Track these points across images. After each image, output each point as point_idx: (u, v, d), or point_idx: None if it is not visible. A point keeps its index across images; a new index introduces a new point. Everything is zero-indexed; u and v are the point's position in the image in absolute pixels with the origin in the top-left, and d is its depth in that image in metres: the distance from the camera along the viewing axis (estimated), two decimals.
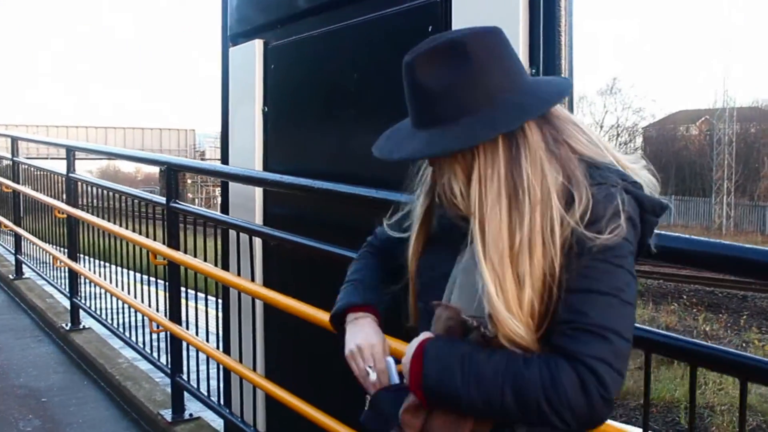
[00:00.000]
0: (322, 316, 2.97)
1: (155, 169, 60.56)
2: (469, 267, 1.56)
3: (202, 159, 52.39)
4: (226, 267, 4.14)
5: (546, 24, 2.57)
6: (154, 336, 5.18)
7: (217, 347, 4.28)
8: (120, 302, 5.85)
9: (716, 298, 18.92)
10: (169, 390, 5.01)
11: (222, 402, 4.31)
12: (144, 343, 5.43)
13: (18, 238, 8.78)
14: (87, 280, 6.61)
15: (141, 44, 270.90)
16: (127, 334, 5.75)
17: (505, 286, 1.44)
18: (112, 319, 6.06)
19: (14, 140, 8.90)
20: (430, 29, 2.94)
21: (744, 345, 13.76)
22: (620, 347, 1.40)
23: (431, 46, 1.52)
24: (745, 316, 16.33)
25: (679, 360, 2.97)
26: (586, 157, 1.54)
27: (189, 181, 50.74)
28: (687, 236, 2.08)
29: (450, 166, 1.55)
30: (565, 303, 1.43)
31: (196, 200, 47.15)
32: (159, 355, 5.19)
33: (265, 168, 4.02)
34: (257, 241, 3.82)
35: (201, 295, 5.77)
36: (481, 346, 1.47)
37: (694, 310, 17.16)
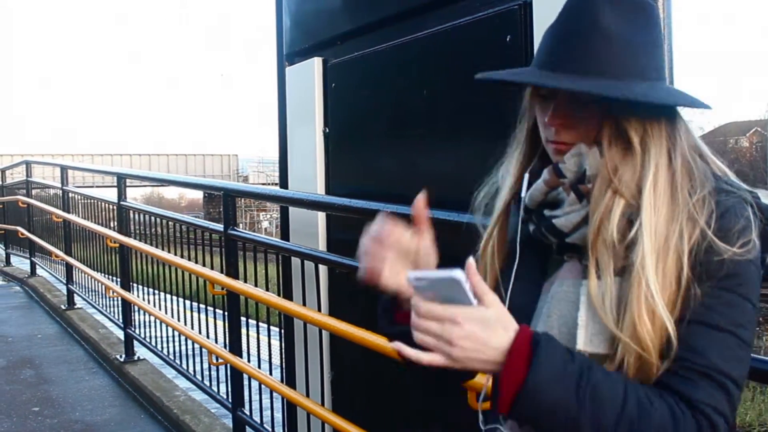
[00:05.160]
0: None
1: (199, 195, 61.11)
2: (565, 295, 1.34)
3: (245, 183, 52.60)
4: (288, 296, 3.95)
5: None
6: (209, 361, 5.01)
7: (282, 380, 4.09)
8: (172, 329, 5.72)
9: None
10: (228, 423, 4.86)
11: None
12: (197, 372, 5.31)
13: (69, 268, 8.72)
14: (139, 308, 6.49)
15: (181, 71, 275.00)
16: (180, 363, 5.61)
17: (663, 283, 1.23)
18: (166, 348, 5.94)
19: (64, 169, 8.87)
20: (508, 39, 2.74)
21: None
22: (735, 397, 1.20)
23: None
24: None
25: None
26: (709, 161, 1.35)
27: None
28: None
29: (614, 130, 1.31)
30: (679, 335, 1.22)
31: (240, 224, 47.41)
32: (212, 383, 5.05)
33: (328, 191, 3.84)
34: (322, 269, 3.63)
35: (252, 321, 5.64)
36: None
37: (758, 328, 16.61)
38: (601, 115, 1.31)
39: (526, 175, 1.43)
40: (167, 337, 5.97)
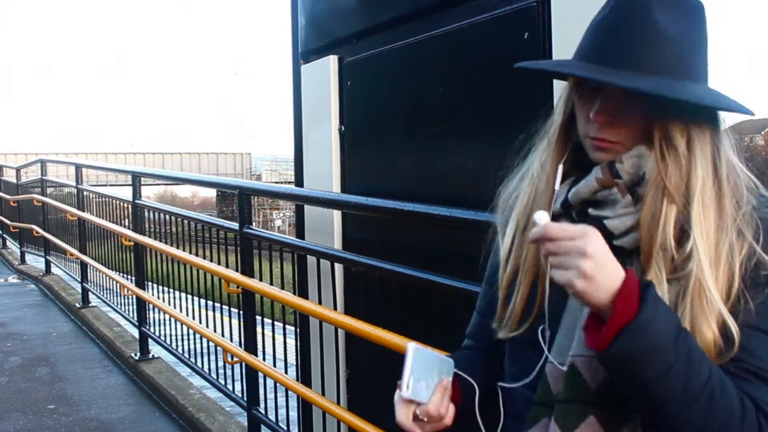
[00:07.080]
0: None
1: (212, 193, 61.26)
2: None
3: (258, 182, 52.62)
4: (303, 294, 3.95)
5: None
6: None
7: (297, 378, 4.08)
8: (187, 327, 5.73)
9: None
10: (243, 421, 4.87)
11: None
12: (212, 370, 5.31)
13: (84, 266, 8.74)
14: (154, 306, 6.50)
15: (195, 70, 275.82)
16: (195, 361, 5.62)
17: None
18: (181, 346, 5.95)
19: (78, 168, 8.88)
20: (526, 36, 2.72)
21: None
22: None
23: None
24: None
25: None
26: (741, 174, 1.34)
27: None
28: None
29: (665, 130, 1.28)
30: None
31: (254, 223, 47.26)
32: (227, 381, 5.05)
33: (344, 190, 3.83)
34: (338, 267, 3.62)
35: (267, 320, 5.64)
36: None
37: None
38: (646, 116, 1.28)
39: (560, 169, 1.38)
40: (182, 335, 5.99)
